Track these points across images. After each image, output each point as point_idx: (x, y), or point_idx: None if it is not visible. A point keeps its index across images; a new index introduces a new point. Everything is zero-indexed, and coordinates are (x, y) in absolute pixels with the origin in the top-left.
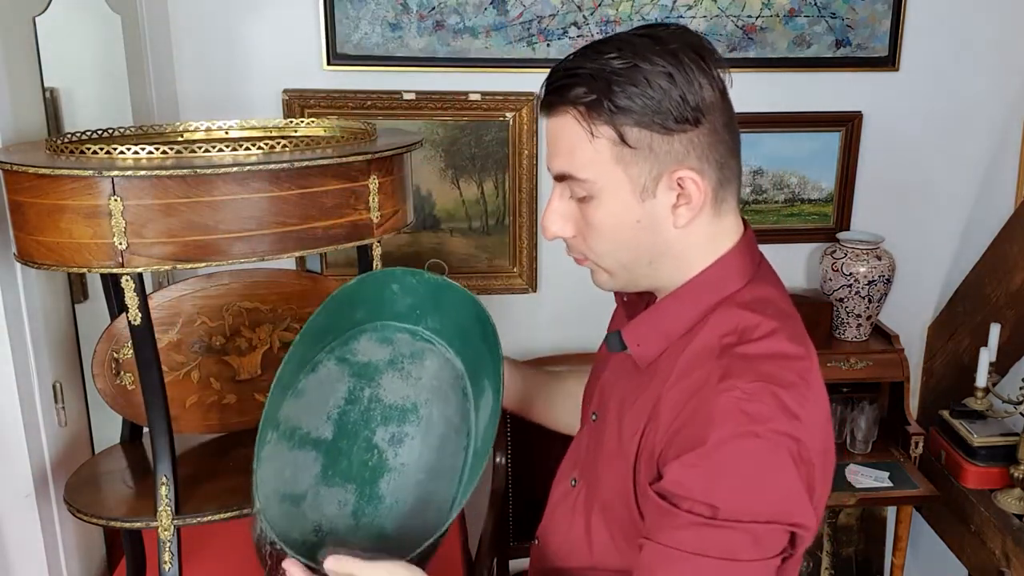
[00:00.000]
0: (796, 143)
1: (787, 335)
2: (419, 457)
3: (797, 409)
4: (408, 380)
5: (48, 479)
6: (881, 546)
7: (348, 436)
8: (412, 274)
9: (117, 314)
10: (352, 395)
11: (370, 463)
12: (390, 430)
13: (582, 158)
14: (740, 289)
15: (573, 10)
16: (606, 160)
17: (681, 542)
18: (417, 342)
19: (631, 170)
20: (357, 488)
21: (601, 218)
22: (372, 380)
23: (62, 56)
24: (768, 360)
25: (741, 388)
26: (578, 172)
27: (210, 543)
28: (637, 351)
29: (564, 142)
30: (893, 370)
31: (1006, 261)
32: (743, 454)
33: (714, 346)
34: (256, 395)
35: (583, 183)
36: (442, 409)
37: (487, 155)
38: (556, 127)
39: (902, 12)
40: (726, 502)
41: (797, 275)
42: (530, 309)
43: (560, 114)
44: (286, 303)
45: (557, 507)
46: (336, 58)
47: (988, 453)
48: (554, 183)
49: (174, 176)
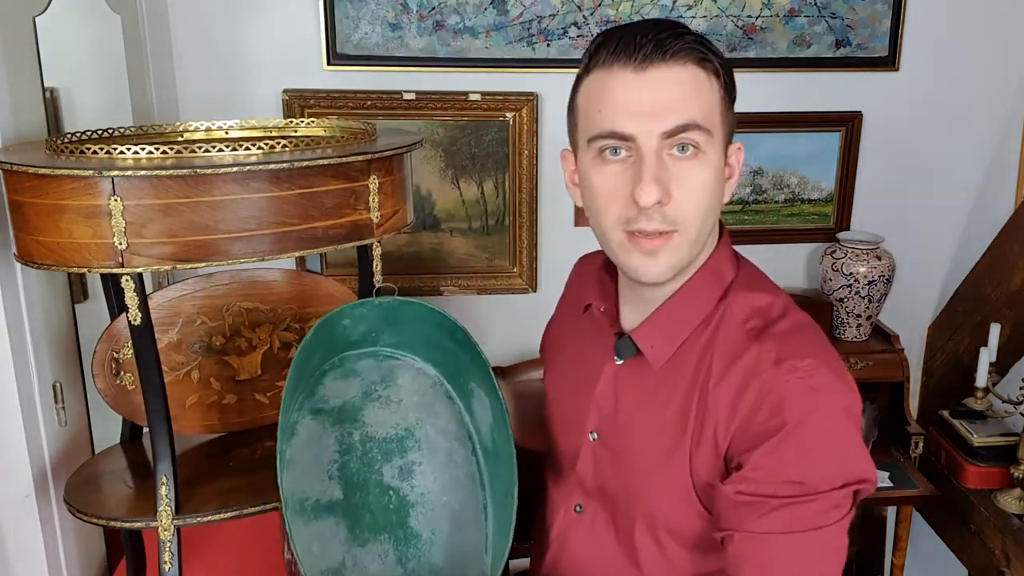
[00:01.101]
0: (796, 143)
1: (794, 305)
2: (434, 480)
3: (843, 371)
4: (390, 407)
5: (48, 479)
6: (881, 546)
7: (359, 488)
8: (361, 304)
9: (117, 314)
10: (343, 444)
11: (391, 506)
12: (396, 464)
13: (707, 106)
14: (736, 276)
15: (573, 10)
16: (720, 112)
17: (771, 526)
18: (382, 363)
19: (725, 128)
20: (390, 536)
21: (707, 175)
22: (355, 421)
23: (62, 56)
24: (800, 333)
25: (800, 368)
26: (704, 120)
27: (210, 543)
28: (652, 353)
29: (688, 89)
30: (893, 370)
31: (1006, 261)
32: (819, 430)
33: (740, 333)
34: (256, 395)
35: (703, 132)
36: (435, 423)
37: (487, 155)
38: (673, 76)
39: (902, 12)
40: (809, 478)
41: (797, 275)
42: (530, 309)
43: (680, 62)
44: (286, 303)
45: (568, 537)
46: (336, 58)
47: (988, 453)
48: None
49: (174, 176)
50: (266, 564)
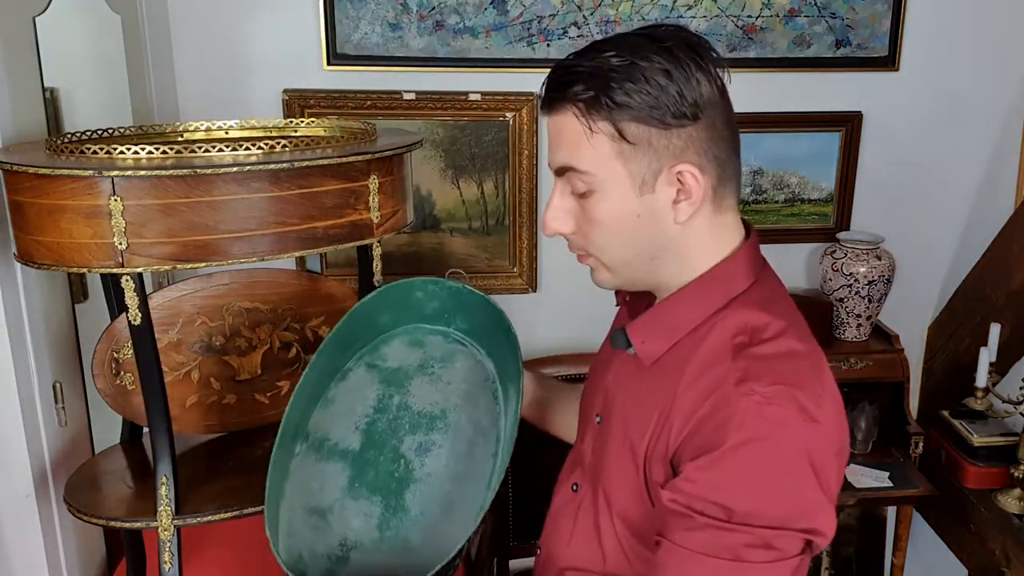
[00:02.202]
0: (796, 143)
1: (796, 334)
2: (445, 466)
3: (815, 411)
4: (438, 385)
5: (48, 479)
6: (881, 546)
7: (375, 446)
8: (433, 282)
9: (117, 314)
10: (381, 403)
11: (396, 474)
12: (417, 439)
13: (582, 153)
14: (747, 289)
15: (573, 10)
16: (606, 155)
17: (694, 543)
18: (449, 344)
19: (630, 165)
20: (383, 500)
21: (602, 212)
22: (401, 387)
23: (62, 56)
24: (783, 360)
25: (760, 392)
26: (579, 165)
27: (210, 543)
28: (642, 348)
29: (565, 138)
30: (893, 370)
31: (1006, 261)
32: (760, 459)
33: (726, 346)
34: (256, 395)
35: (583, 176)
36: (471, 413)
37: (487, 155)
38: (557, 124)
39: (902, 12)
40: (741, 505)
41: (797, 275)
42: (530, 309)
43: (560, 111)
44: (286, 303)
45: (559, 514)
46: (336, 58)
47: (988, 453)
48: (555, 180)
49: (174, 176)
50: (266, 564)
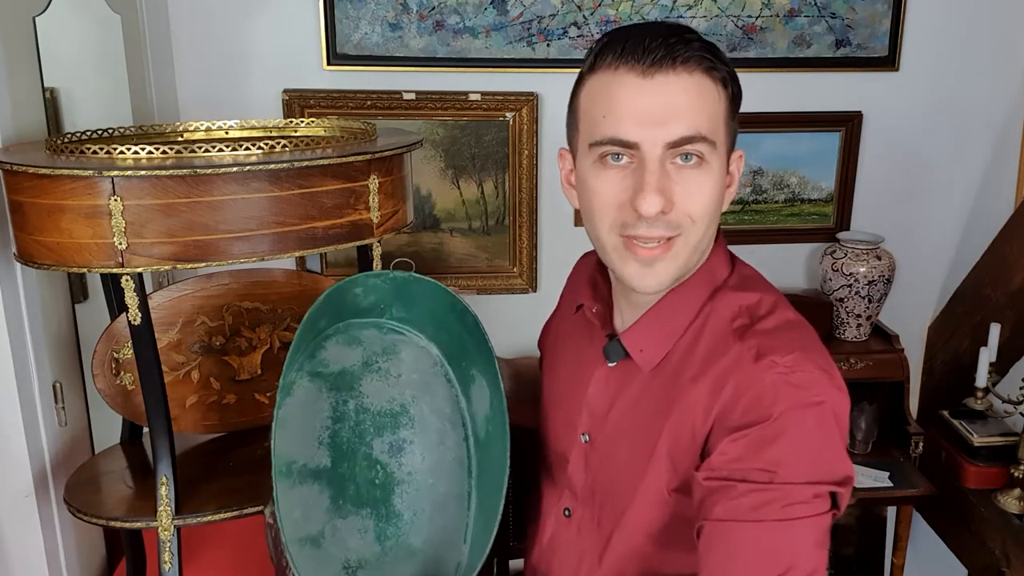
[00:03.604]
0: (796, 143)
1: (786, 305)
2: (423, 461)
3: (831, 369)
4: (388, 380)
5: (48, 479)
6: (881, 546)
7: (347, 458)
8: (376, 275)
9: (117, 314)
10: (337, 411)
11: (377, 481)
12: (387, 440)
13: (712, 117)
14: (728, 275)
15: (573, 10)
16: (725, 122)
17: (738, 511)
18: (386, 335)
19: (730, 137)
20: (372, 511)
21: (709, 185)
22: (352, 389)
23: (62, 56)
24: (788, 329)
25: (781, 363)
26: (709, 132)
27: (210, 543)
28: (641, 356)
29: (694, 99)
30: (893, 370)
31: (1006, 261)
32: (799, 423)
33: (727, 331)
34: (256, 395)
35: (709, 144)
36: (430, 403)
37: (487, 155)
38: (680, 84)
39: (902, 12)
40: (781, 466)
41: (797, 275)
42: (530, 309)
43: (688, 69)
44: (286, 303)
45: (557, 539)
46: (336, 58)
47: (988, 453)
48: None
49: (174, 176)
50: (266, 564)
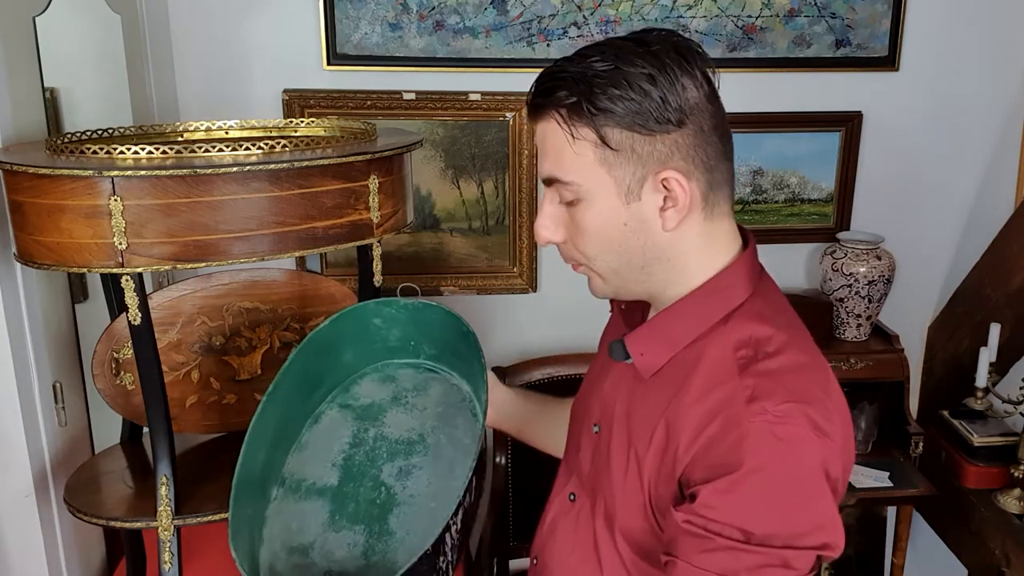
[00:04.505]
0: (796, 143)
1: (800, 346)
2: (428, 485)
3: (826, 426)
4: (412, 412)
5: (48, 479)
6: (881, 546)
7: (354, 479)
8: (387, 304)
9: (117, 314)
10: (356, 438)
11: (378, 501)
12: (397, 464)
13: (566, 161)
14: (746, 300)
15: (573, 10)
16: (590, 162)
17: (711, 564)
18: (420, 374)
19: (615, 172)
20: (366, 528)
21: (589, 221)
22: (376, 420)
23: (62, 56)
24: (791, 374)
25: (772, 412)
26: (563, 175)
27: (210, 543)
28: (641, 361)
29: (549, 146)
30: (893, 370)
31: (1006, 261)
32: (778, 481)
33: (730, 360)
34: (256, 395)
35: (569, 186)
36: (449, 433)
37: (487, 155)
38: (542, 131)
39: (902, 12)
40: (760, 528)
41: (797, 275)
42: (530, 309)
43: (545, 118)
44: (286, 303)
45: (557, 525)
46: (336, 58)
47: (988, 453)
48: (544, 189)
49: (174, 176)
50: None
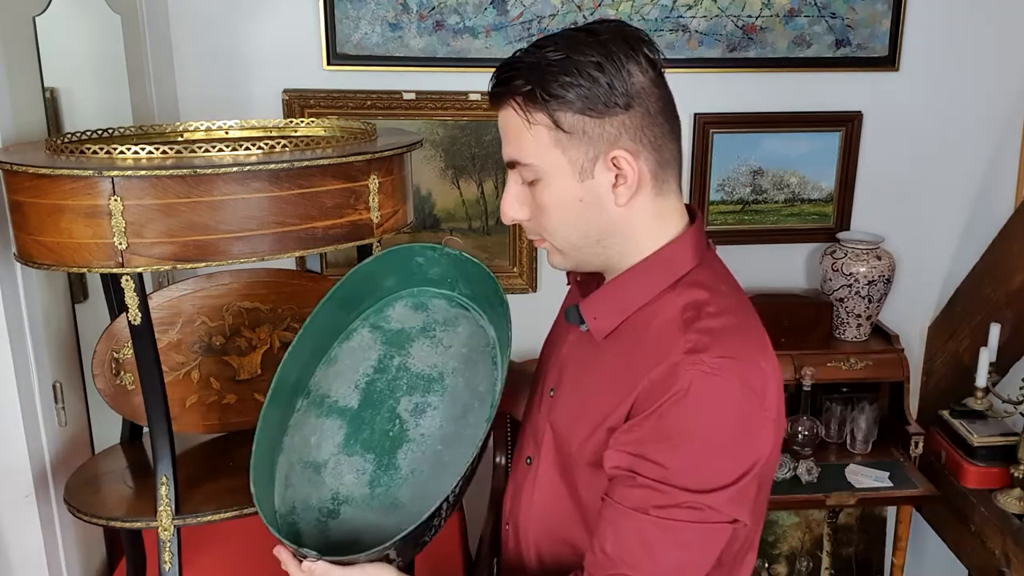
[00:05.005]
0: (796, 143)
1: (740, 312)
2: (440, 428)
3: (757, 385)
4: (438, 348)
5: (48, 479)
6: (881, 546)
7: (373, 405)
8: (431, 248)
9: (117, 314)
10: (382, 363)
11: (391, 433)
12: (414, 400)
13: (524, 145)
14: (693, 269)
15: (573, 10)
16: (545, 145)
17: (630, 500)
18: (453, 308)
19: (569, 153)
20: (376, 458)
21: (547, 199)
22: (403, 348)
23: (62, 56)
24: (729, 333)
25: (708, 363)
26: (523, 158)
27: (210, 543)
28: (594, 324)
29: (509, 131)
30: (893, 370)
31: (1006, 261)
32: (700, 425)
33: (677, 320)
34: (256, 395)
35: (528, 167)
36: (468, 378)
37: (487, 155)
38: (502, 118)
39: (902, 12)
40: (675, 466)
41: (797, 275)
42: (530, 309)
43: (504, 106)
44: (286, 303)
45: (520, 489)
46: (336, 58)
47: (988, 453)
48: (508, 171)
49: (174, 176)
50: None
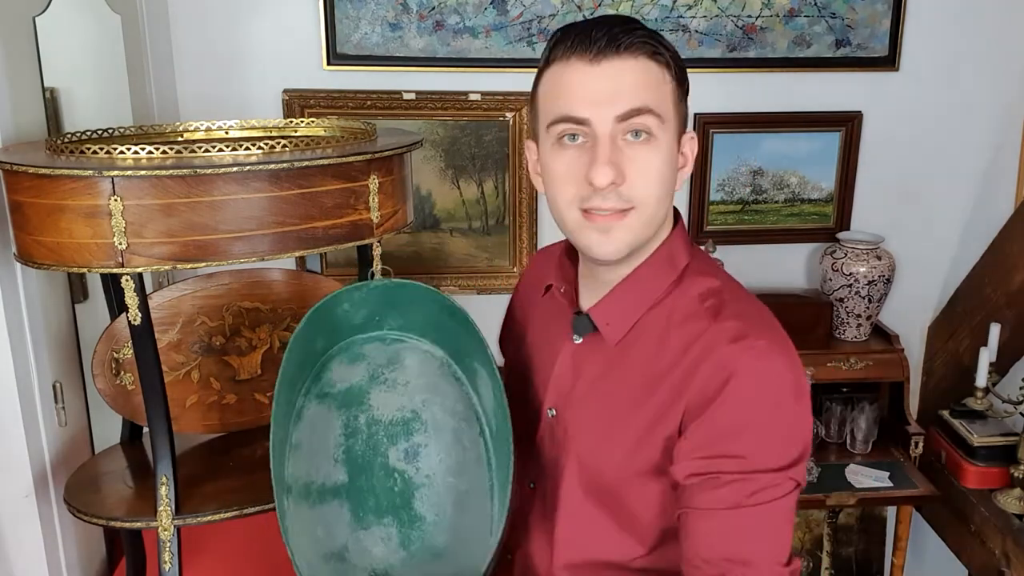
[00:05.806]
0: (796, 143)
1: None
2: (440, 462)
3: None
4: (396, 389)
5: (48, 479)
6: (881, 546)
7: (364, 471)
8: (357, 288)
9: (117, 314)
10: (348, 427)
11: (396, 488)
12: (401, 447)
13: (658, 94)
14: (690, 261)
15: (573, 10)
16: (673, 102)
17: (719, 501)
18: (389, 346)
19: (680, 118)
20: (394, 518)
21: (659, 160)
22: (361, 404)
23: (62, 56)
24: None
25: (755, 346)
26: (656, 106)
27: (210, 543)
28: (607, 330)
29: (640, 78)
30: (893, 370)
31: (1006, 261)
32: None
33: (700, 311)
34: (256, 395)
35: (657, 118)
36: (442, 404)
37: (487, 155)
38: (626, 67)
39: (902, 12)
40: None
41: (797, 275)
42: None
43: (632, 55)
44: (286, 303)
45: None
46: (336, 58)
47: (988, 453)
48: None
49: (174, 176)
50: (266, 564)
